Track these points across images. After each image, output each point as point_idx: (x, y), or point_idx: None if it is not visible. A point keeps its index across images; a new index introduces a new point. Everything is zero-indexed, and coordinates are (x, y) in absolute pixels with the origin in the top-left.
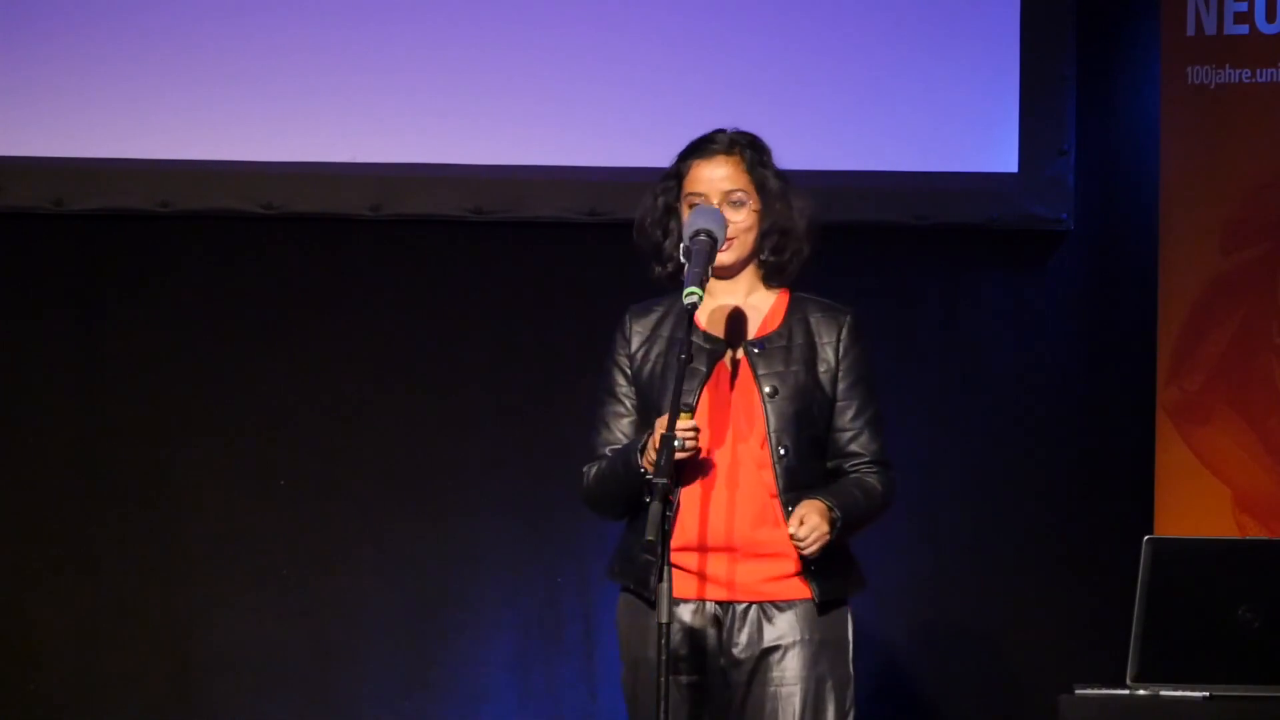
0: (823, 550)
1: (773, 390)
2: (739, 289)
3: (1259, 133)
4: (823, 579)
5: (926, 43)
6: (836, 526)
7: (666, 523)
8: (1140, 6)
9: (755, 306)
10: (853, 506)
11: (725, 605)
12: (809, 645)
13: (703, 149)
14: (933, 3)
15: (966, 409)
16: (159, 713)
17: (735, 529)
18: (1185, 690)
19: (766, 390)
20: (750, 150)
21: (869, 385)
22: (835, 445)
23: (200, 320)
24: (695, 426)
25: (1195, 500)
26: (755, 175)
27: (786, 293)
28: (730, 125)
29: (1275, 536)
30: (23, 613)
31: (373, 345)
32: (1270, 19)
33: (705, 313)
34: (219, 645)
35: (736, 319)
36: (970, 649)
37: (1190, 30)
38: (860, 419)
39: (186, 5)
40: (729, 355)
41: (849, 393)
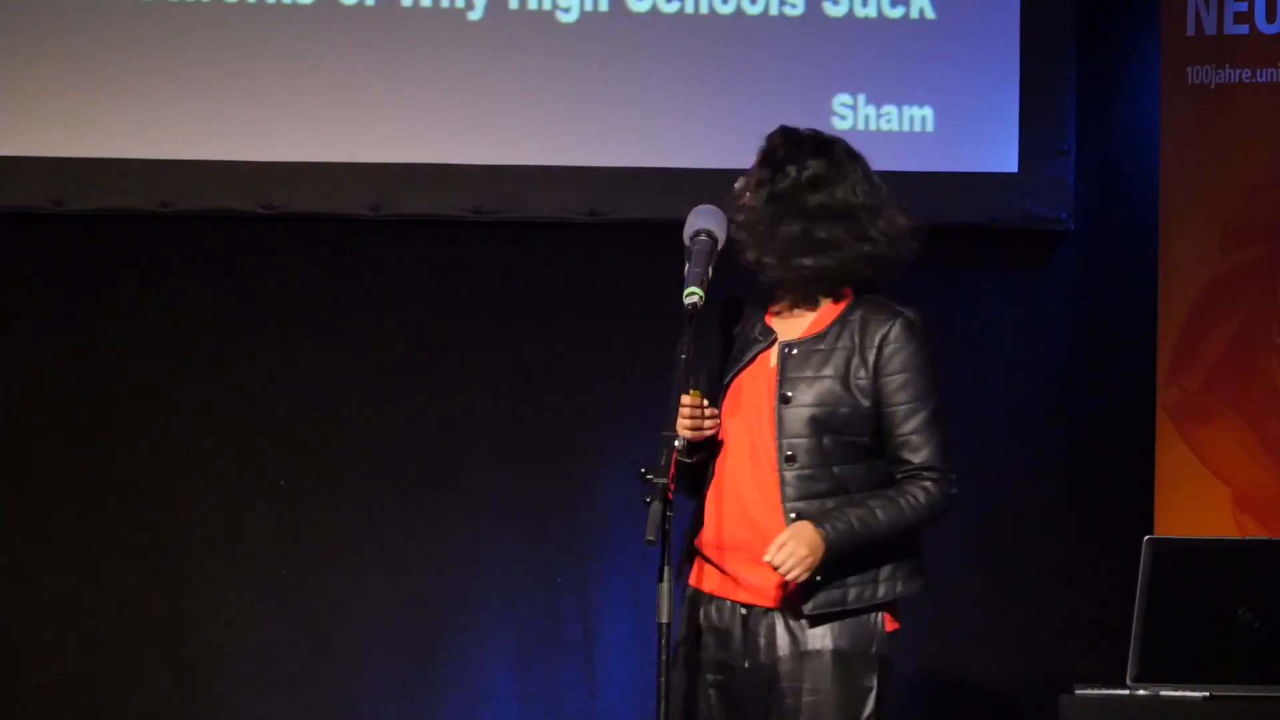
0: (828, 566)
1: (788, 395)
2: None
3: (1259, 133)
4: (832, 589)
5: (926, 43)
6: (832, 551)
7: (667, 523)
8: (1140, 6)
9: (819, 306)
10: (857, 527)
11: (749, 608)
12: (819, 656)
13: None
14: (933, 3)
15: (966, 409)
16: (158, 713)
17: (751, 529)
18: (1185, 690)
19: (782, 394)
20: (782, 148)
21: (919, 388)
22: (888, 451)
23: (200, 320)
24: (698, 404)
25: (1195, 500)
26: (765, 170)
27: (850, 294)
28: (730, 125)
29: (1275, 536)
30: (22, 613)
31: (373, 345)
32: (1270, 19)
33: (781, 305)
34: (219, 645)
35: (795, 317)
36: (970, 649)
37: (1190, 30)
38: (908, 424)
39: (186, 5)
40: (772, 352)
41: (894, 397)
